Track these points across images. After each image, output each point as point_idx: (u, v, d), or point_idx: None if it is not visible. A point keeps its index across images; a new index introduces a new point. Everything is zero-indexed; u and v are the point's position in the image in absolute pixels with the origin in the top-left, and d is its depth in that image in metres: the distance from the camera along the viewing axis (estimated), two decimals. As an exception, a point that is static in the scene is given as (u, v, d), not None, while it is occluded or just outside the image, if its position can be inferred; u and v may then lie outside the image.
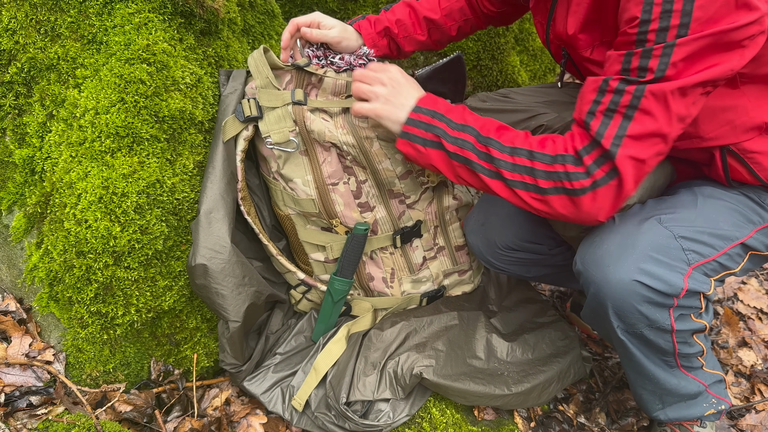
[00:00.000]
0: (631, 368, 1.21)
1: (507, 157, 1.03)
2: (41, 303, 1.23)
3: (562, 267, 1.44)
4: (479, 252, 1.43)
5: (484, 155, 1.05)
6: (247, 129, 1.25)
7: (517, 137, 1.05)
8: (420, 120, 1.10)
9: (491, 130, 1.07)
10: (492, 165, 1.05)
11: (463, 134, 1.07)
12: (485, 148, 1.05)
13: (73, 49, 1.19)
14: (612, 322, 1.08)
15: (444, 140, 1.08)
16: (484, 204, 1.43)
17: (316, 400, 1.28)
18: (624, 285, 1.02)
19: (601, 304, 1.06)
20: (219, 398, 1.33)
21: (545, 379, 1.36)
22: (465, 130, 1.07)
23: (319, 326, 1.39)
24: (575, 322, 1.74)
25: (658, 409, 1.28)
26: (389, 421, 1.26)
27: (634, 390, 1.29)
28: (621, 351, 1.17)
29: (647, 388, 1.24)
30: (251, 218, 1.29)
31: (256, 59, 1.25)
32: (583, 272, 1.09)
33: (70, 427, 1.12)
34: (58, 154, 1.18)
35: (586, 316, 1.17)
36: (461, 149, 1.07)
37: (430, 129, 1.09)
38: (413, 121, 1.10)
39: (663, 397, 1.26)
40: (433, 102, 1.13)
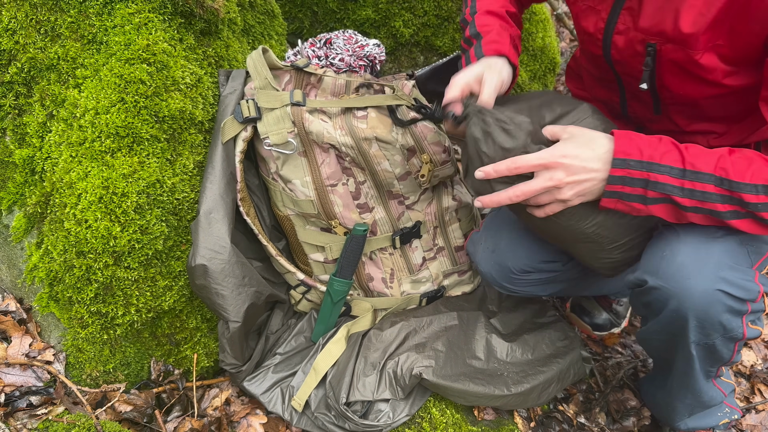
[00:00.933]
0: (680, 381, 1.19)
1: (764, 198, 0.92)
2: (41, 303, 1.23)
3: (576, 279, 1.42)
4: (493, 279, 1.36)
5: (733, 201, 0.93)
6: (245, 130, 1.25)
7: (765, 170, 0.93)
8: (630, 177, 0.94)
9: (730, 171, 0.92)
10: (743, 208, 0.93)
11: (699, 185, 0.93)
12: (732, 193, 0.92)
13: (73, 49, 1.19)
14: (689, 336, 1.04)
15: (675, 197, 0.94)
16: (489, 230, 1.37)
17: (316, 401, 1.28)
18: (708, 295, 0.98)
19: (681, 317, 1.02)
20: (219, 398, 1.33)
21: (545, 380, 1.35)
22: (699, 179, 0.93)
23: (319, 326, 1.39)
24: (575, 322, 1.74)
25: (682, 419, 1.28)
26: (389, 421, 1.26)
27: (665, 401, 1.27)
28: (680, 365, 1.13)
29: (685, 400, 1.23)
30: (251, 219, 1.29)
31: (255, 60, 1.25)
32: (658, 287, 1.03)
33: (70, 427, 1.12)
34: (58, 154, 1.18)
35: (649, 333, 1.12)
36: (701, 203, 0.93)
37: (651, 186, 0.94)
38: (621, 179, 0.94)
39: (694, 409, 1.25)
40: (634, 145, 0.95)
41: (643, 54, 1.08)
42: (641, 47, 1.08)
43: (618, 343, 1.74)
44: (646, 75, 1.10)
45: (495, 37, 1.18)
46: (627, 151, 0.94)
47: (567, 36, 3.17)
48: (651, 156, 0.93)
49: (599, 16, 1.13)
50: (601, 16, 1.12)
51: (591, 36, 1.16)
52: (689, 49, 1.01)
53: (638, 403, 1.56)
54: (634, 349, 1.74)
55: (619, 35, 1.11)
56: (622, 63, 1.15)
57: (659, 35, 1.04)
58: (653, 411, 1.41)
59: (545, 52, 2.21)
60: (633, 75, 1.14)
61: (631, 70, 1.14)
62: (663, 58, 1.06)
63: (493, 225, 1.37)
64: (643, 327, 1.15)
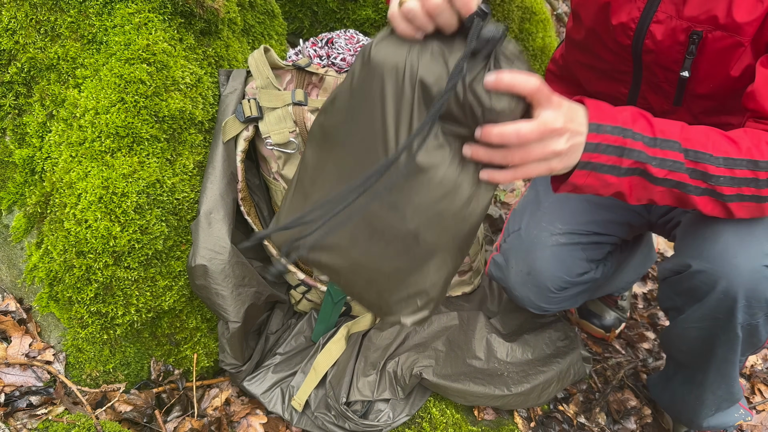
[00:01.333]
0: (717, 370, 1.18)
1: (725, 172, 0.90)
2: (41, 303, 1.23)
3: (597, 286, 1.42)
4: (530, 302, 1.33)
5: (697, 174, 0.90)
6: (247, 129, 1.25)
7: (724, 142, 0.91)
8: (606, 144, 0.85)
9: (695, 141, 0.90)
10: (706, 183, 0.91)
11: (670, 153, 0.89)
12: (696, 164, 0.90)
13: (73, 49, 1.19)
14: (736, 317, 1.03)
15: (649, 166, 0.88)
16: (517, 252, 1.31)
17: (316, 400, 1.28)
18: (756, 272, 0.98)
19: (730, 298, 1.01)
20: (219, 398, 1.33)
21: (545, 380, 1.36)
22: (669, 147, 0.89)
23: (319, 326, 1.39)
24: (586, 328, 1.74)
25: (708, 416, 1.27)
26: (389, 421, 1.26)
27: (693, 396, 1.26)
28: (722, 351, 1.12)
29: (718, 391, 1.22)
30: (251, 219, 1.29)
31: (257, 59, 1.25)
32: (704, 270, 1.02)
33: (70, 427, 1.12)
34: (58, 154, 1.18)
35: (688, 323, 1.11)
36: (672, 173, 0.89)
37: (626, 153, 0.86)
38: (597, 146, 0.85)
39: (721, 403, 1.25)
40: (608, 113, 0.87)
41: (684, 43, 1.05)
42: (684, 36, 1.05)
43: (618, 343, 1.74)
44: (688, 63, 1.06)
45: None
46: (601, 117, 0.86)
47: (567, 36, 3.17)
48: (624, 122, 0.86)
49: (634, 5, 1.09)
50: (637, 5, 1.09)
51: (621, 26, 1.12)
52: (740, 36, 0.99)
53: (638, 403, 1.56)
54: (635, 349, 1.74)
55: (659, 24, 1.07)
56: (655, 53, 1.11)
57: (708, 22, 1.01)
58: (669, 409, 1.39)
59: (545, 52, 2.21)
60: (664, 65, 1.12)
61: (665, 59, 1.10)
62: (707, 46, 1.03)
63: (521, 246, 1.31)
64: (680, 317, 1.13)
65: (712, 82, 1.09)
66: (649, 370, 1.66)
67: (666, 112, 1.22)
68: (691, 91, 1.14)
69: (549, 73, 1.52)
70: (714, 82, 1.09)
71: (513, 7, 2.03)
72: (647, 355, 1.72)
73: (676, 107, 1.19)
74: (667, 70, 1.12)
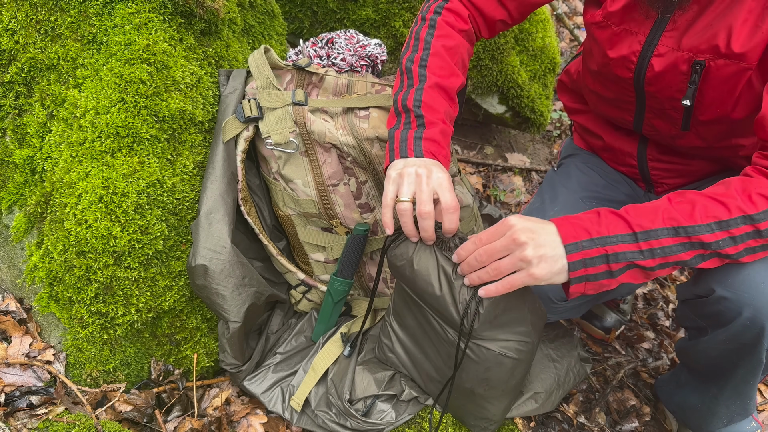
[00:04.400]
0: (735, 389, 1.18)
1: (721, 235, 0.91)
2: (41, 303, 1.23)
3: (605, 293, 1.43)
4: None
5: (694, 246, 0.91)
6: (247, 129, 1.25)
7: (711, 206, 0.91)
8: (589, 257, 0.91)
9: (679, 218, 0.91)
10: (705, 250, 0.92)
11: (656, 242, 0.91)
12: (690, 238, 0.91)
13: (73, 49, 1.19)
14: (762, 344, 1.03)
15: (638, 261, 0.91)
16: None
17: (316, 399, 1.28)
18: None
19: (756, 326, 1.01)
20: (219, 398, 1.33)
21: (544, 390, 1.35)
22: (654, 236, 0.91)
23: (319, 326, 1.39)
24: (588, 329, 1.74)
25: (719, 427, 1.27)
26: (391, 420, 1.26)
27: (706, 407, 1.25)
28: (743, 373, 1.12)
29: (732, 407, 1.22)
30: (251, 218, 1.29)
31: (257, 59, 1.25)
32: (730, 297, 1.01)
33: (71, 426, 1.12)
34: (58, 154, 1.18)
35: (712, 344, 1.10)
36: (665, 258, 0.91)
37: (612, 259, 0.90)
38: (581, 262, 0.91)
39: (734, 417, 1.24)
40: (579, 226, 0.92)
41: (687, 72, 1.07)
42: (686, 66, 1.06)
43: (618, 343, 1.74)
44: (690, 92, 1.08)
45: (438, 136, 1.08)
46: (573, 234, 0.91)
47: (567, 36, 3.18)
48: (599, 231, 0.91)
49: (635, 38, 1.10)
50: (638, 39, 1.10)
51: (622, 59, 1.13)
52: (745, 62, 1.00)
53: (638, 403, 1.56)
54: (635, 349, 1.74)
55: (659, 57, 1.09)
56: (657, 84, 1.12)
57: (710, 52, 1.03)
58: (678, 414, 1.37)
59: (545, 52, 2.21)
60: (667, 95, 1.13)
61: (667, 89, 1.12)
62: (711, 74, 1.04)
63: None
64: (703, 338, 1.12)
65: (718, 107, 1.09)
66: (649, 370, 1.66)
67: (675, 136, 1.22)
68: (697, 117, 1.13)
69: (560, 83, 1.53)
70: (720, 108, 1.09)
71: (513, 7, 2.03)
72: (647, 355, 1.72)
73: (684, 132, 1.18)
74: (671, 99, 1.13)
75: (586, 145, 1.53)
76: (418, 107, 1.09)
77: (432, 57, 1.15)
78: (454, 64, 1.17)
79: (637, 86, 1.16)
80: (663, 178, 1.37)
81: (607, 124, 1.40)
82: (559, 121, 2.76)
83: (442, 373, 1.19)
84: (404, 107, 1.11)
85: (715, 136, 1.18)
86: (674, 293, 1.99)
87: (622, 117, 1.28)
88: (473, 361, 1.09)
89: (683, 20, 1.05)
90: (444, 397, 1.22)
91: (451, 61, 1.16)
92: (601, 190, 1.41)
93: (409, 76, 1.14)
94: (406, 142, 1.07)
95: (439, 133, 1.08)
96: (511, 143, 2.56)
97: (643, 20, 1.09)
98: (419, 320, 1.17)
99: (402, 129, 1.09)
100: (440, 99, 1.12)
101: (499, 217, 1.92)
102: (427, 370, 1.23)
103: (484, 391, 1.15)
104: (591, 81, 1.29)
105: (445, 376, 1.18)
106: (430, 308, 1.11)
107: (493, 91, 2.11)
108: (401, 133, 1.09)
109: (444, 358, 1.16)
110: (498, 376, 1.12)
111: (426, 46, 1.16)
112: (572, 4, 3.41)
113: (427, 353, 1.21)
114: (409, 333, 1.23)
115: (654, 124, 1.22)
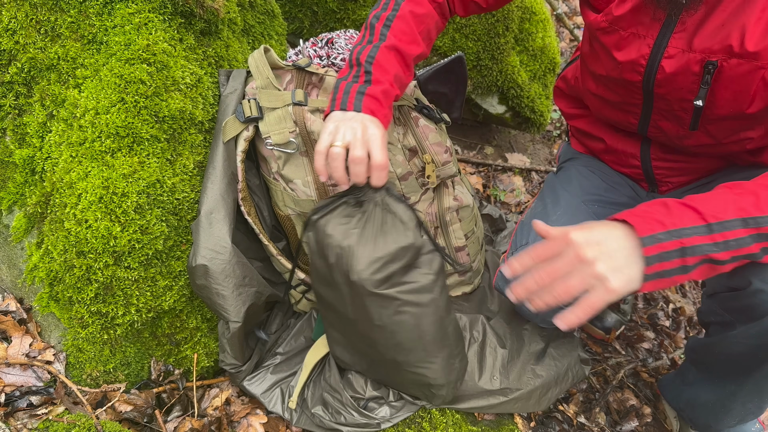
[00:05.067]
0: (756, 385, 1.17)
1: None
2: (41, 303, 1.23)
3: None
4: (532, 314, 1.34)
5: (761, 237, 0.89)
6: (247, 129, 1.25)
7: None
8: (665, 251, 0.86)
9: (748, 208, 0.89)
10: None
11: (730, 234, 0.88)
12: (759, 229, 0.88)
13: (73, 49, 1.19)
14: None
15: (713, 254, 0.88)
16: None
17: (313, 399, 1.28)
18: None
19: None
20: (219, 398, 1.33)
21: (542, 384, 1.35)
22: (727, 228, 0.88)
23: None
24: (588, 329, 1.74)
25: (729, 426, 1.26)
26: (386, 415, 1.26)
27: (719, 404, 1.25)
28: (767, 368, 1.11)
29: (748, 404, 1.21)
30: (252, 218, 1.29)
31: (257, 59, 1.25)
32: (765, 290, 0.99)
33: (71, 427, 1.12)
34: (58, 154, 1.18)
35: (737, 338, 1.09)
36: (739, 250, 0.88)
37: (689, 252, 0.87)
38: (658, 256, 0.86)
39: (746, 416, 1.24)
40: (654, 218, 0.88)
41: (699, 73, 1.06)
42: (698, 67, 1.05)
43: (618, 343, 1.74)
44: (703, 92, 1.07)
45: (380, 95, 1.08)
46: (648, 227, 0.87)
47: (567, 36, 3.18)
48: (673, 223, 0.87)
49: (644, 41, 1.10)
50: (647, 42, 1.10)
51: (631, 63, 1.13)
52: (759, 61, 1.00)
53: (638, 402, 1.56)
54: (635, 349, 1.74)
55: (670, 59, 1.08)
56: (667, 86, 1.12)
57: (723, 52, 1.02)
58: (683, 412, 1.37)
59: (545, 52, 2.21)
60: (677, 96, 1.12)
61: (678, 91, 1.11)
62: (724, 74, 1.04)
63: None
64: (729, 333, 1.11)
65: (731, 106, 1.08)
66: (649, 370, 1.66)
67: (682, 137, 1.22)
68: (708, 116, 1.13)
69: (557, 89, 1.51)
70: (734, 106, 1.08)
71: (513, 7, 2.03)
72: (647, 355, 1.72)
73: (692, 132, 1.18)
74: (681, 100, 1.12)
75: (586, 149, 1.52)
76: (370, 63, 1.11)
77: (398, 20, 1.16)
78: (419, 32, 1.18)
79: (646, 89, 1.15)
80: (667, 177, 1.37)
81: (609, 127, 1.40)
82: (559, 121, 2.77)
83: (369, 353, 1.20)
84: (357, 61, 1.13)
85: (724, 133, 1.17)
86: (674, 293, 1.99)
87: (627, 120, 1.27)
88: (377, 327, 1.11)
89: (692, 21, 1.05)
90: (381, 376, 1.24)
91: (416, 28, 1.17)
92: (602, 193, 1.41)
93: (371, 32, 1.16)
94: (348, 95, 1.09)
95: (381, 93, 1.09)
96: (511, 143, 2.56)
97: (651, 22, 1.08)
98: (336, 310, 1.17)
99: (349, 81, 1.11)
100: (394, 61, 1.13)
101: (499, 217, 1.92)
102: (365, 360, 1.24)
103: (406, 357, 1.15)
104: (594, 85, 1.29)
105: (371, 355, 1.19)
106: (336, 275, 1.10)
107: (493, 91, 2.11)
108: (346, 85, 1.10)
109: (362, 338, 1.17)
110: (407, 335, 1.12)
111: (396, 7, 1.18)
112: (572, 4, 3.41)
113: (353, 342, 1.22)
114: (336, 329, 1.24)
115: (661, 125, 1.22)
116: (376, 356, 1.19)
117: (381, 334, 1.12)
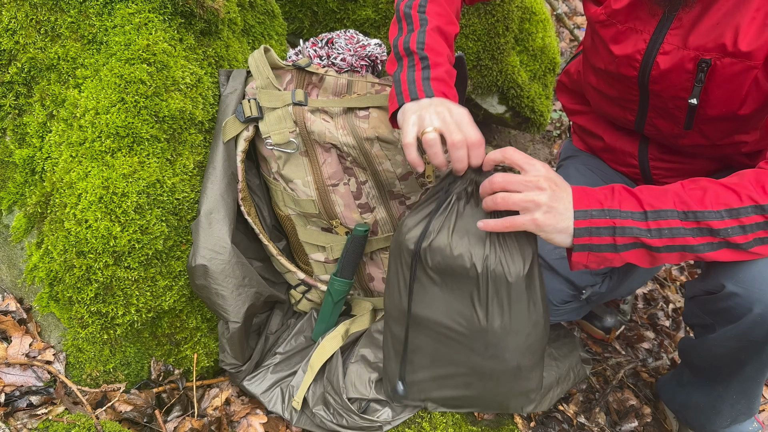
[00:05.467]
0: (741, 387, 1.17)
1: (731, 222, 0.91)
2: (41, 303, 1.23)
3: (605, 295, 1.43)
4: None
5: (702, 232, 0.92)
6: (247, 129, 1.25)
7: (723, 193, 0.92)
8: (596, 226, 0.93)
9: (690, 202, 0.92)
10: (714, 238, 0.92)
11: (664, 222, 0.92)
12: (698, 223, 0.91)
13: (73, 49, 1.19)
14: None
15: (645, 239, 0.92)
16: None
17: (314, 398, 1.28)
18: None
19: (766, 322, 1.00)
20: (219, 398, 1.33)
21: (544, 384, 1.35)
22: (662, 217, 0.92)
23: (319, 326, 1.39)
24: (588, 329, 1.74)
25: (723, 426, 1.27)
26: (388, 418, 1.26)
27: (710, 406, 1.25)
28: (750, 371, 1.11)
29: (737, 405, 1.21)
30: (251, 219, 1.29)
31: (257, 59, 1.25)
32: (740, 293, 1.00)
33: (70, 426, 1.12)
34: (58, 154, 1.18)
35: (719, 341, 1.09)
36: (672, 239, 0.92)
37: (619, 232, 0.92)
38: (587, 229, 0.93)
39: (738, 416, 1.24)
40: (593, 197, 0.95)
41: (692, 71, 1.07)
42: (692, 65, 1.06)
43: (618, 343, 1.74)
44: (696, 90, 1.08)
45: (445, 76, 1.07)
46: (586, 202, 0.94)
47: (567, 36, 3.18)
48: (611, 204, 0.93)
49: (640, 36, 1.10)
50: (643, 37, 1.10)
51: (626, 58, 1.13)
52: (751, 61, 1.00)
53: (638, 402, 1.56)
54: (634, 349, 1.74)
55: (665, 55, 1.09)
56: (662, 82, 1.12)
57: (716, 50, 1.03)
58: (679, 413, 1.37)
59: (545, 52, 2.21)
60: (672, 93, 1.13)
61: (672, 88, 1.12)
62: (717, 72, 1.04)
63: None
64: (710, 335, 1.11)
65: (724, 105, 1.09)
66: (649, 370, 1.66)
67: (677, 136, 1.22)
68: (702, 116, 1.13)
69: (560, 83, 1.52)
70: (726, 106, 1.09)
71: (513, 7, 2.03)
72: (647, 355, 1.72)
73: (687, 131, 1.18)
74: (675, 98, 1.13)
75: (586, 147, 1.53)
76: (422, 49, 1.07)
77: (430, 3, 1.14)
78: (452, 12, 1.17)
79: (642, 85, 1.16)
80: (664, 177, 1.37)
81: (608, 124, 1.40)
82: (559, 121, 2.76)
83: (480, 368, 1.13)
84: (407, 50, 1.09)
85: (718, 134, 1.17)
86: (674, 293, 1.99)
87: (624, 116, 1.28)
88: (513, 333, 1.06)
89: (688, 18, 1.05)
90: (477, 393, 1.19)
91: (449, 8, 1.16)
92: None
93: (408, 21, 1.13)
94: (414, 84, 1.05)
95: (445, 73, 1.07)
96: (511, 143, 2.56)
97: (648, 18, 1.09)
98: (437, 329, 1.11)
99: (406, 71, 1.07)
100: (442, 42, 1.11)
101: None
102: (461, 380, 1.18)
103: (529, 361, 1.12)
104: (594, 79, 1.29)
105: (483, 370, 1.13)
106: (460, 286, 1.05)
107: (493, 91, 2.11)
108: (407, 75, 1.06)
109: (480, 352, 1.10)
110: (536, 336, 1.08)
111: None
112: (572, 4, 3.41)
113: (457, 360, 1.14)
114: (426, 351, 1.16)
115: (656, 123, 1.22)
116: (496, 367, 1.12)
117: (518, 338, 1.07)
